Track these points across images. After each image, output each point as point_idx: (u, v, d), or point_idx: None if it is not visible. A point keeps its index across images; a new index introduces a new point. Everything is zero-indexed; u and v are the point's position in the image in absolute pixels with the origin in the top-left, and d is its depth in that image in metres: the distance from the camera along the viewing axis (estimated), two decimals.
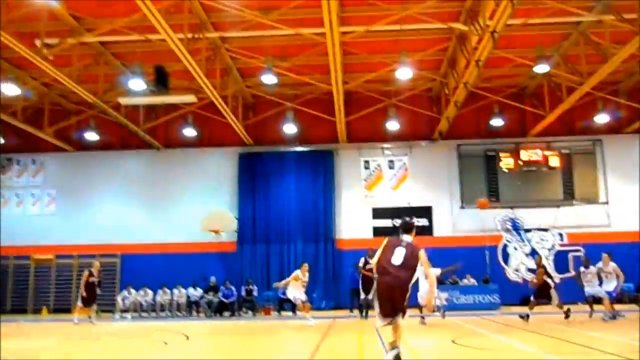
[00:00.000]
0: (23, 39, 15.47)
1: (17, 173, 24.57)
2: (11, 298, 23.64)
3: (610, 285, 14.38)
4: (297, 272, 15.50)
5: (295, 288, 15.37)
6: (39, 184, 24.43)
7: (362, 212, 23.19)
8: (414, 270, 6.84)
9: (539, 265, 16.30)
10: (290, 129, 22.91)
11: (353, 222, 23.15)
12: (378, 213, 23.08)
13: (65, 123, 23.46)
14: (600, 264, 14.67)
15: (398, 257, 6.85)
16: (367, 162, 23.57)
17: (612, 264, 14.44)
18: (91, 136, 23.44)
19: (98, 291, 17.27)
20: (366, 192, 23.43)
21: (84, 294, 16.83)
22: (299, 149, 23.74)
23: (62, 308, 22.68)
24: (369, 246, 22.24)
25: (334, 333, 12.78)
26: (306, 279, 15.53)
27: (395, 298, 6.70)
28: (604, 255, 14.61)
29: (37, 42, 15.94)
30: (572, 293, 16.35)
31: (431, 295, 9.27)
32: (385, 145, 23.44)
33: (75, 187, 24.21)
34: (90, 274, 17.09)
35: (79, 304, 17.01)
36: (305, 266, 15.78)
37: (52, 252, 23.61)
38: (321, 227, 23.12)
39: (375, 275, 7.14)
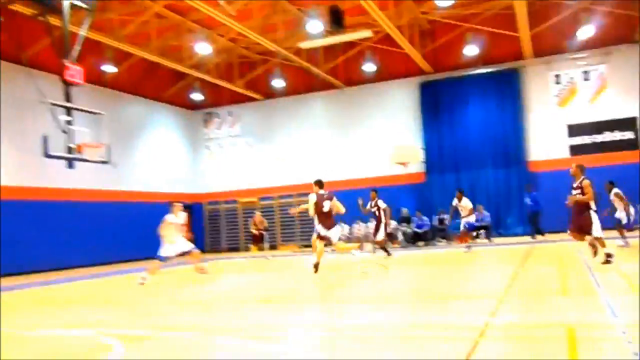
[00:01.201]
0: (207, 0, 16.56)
1: (218, 125, 26.93)
2: (225, 238, 26.38)
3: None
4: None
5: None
6: (237, 134, 26.55)
7: (555, 130, 21.72)
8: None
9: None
10: (470, 50, 21.94)
11: (546, 142, 21.80)
12: (575, 130, 21.46)
13: (253, 74, 24.93)
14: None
15: (326, 206, 11.27)
16: (557, 76, 21.87)
17: (615, 190, 13.85)
18: (277, 83, 24.69)
19: (266, 236, 19.74)
20: (559, 108, 21.86)
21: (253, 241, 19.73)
22: (482, 70, 22.69)
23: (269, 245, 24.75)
24: (566, 166, 21.11)
25: (534, 259, 12.39)
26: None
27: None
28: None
29: (221, 1, 16.94)
30: None
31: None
32: (578, 55, 21.45)
33: (268, 133, 25.91)
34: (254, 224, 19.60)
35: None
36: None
37: (256, 195, 25.71)
38: (511, 151, 22.18)
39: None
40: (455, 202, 16.32)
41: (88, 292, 12.12)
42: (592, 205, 9.66)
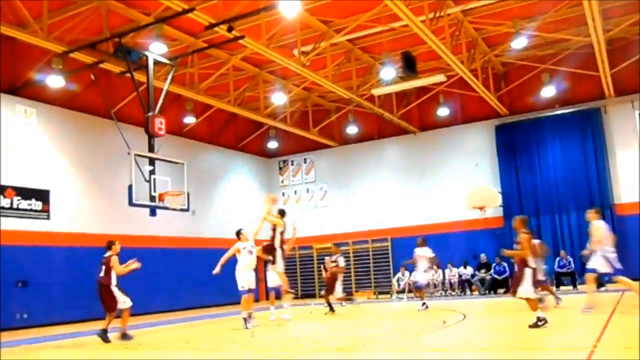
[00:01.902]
0: (282, 51, 17.10)
1: (293, 172, 27.37)
2: (300, 285, 26.35)
3: None
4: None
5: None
6: (312, 180, 26.86)
7: None
8: None
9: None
10: (548, 91, 21.49)
11: (634, 184, 20.74)
12: None
13: (327, 121, 25.32)
14: None
15: None
16: None
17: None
18: (351, 130, 24.95)
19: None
20: None
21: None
22: (560, 111, 22.07)
23: (345, 291, 24.55)
24: None
25: (626, 308, 11.67)
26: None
27: None
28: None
29: (295, 52, 17.45)
30: None
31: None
32: None
33: (343, 179, 26.06)
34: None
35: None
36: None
37: (330, 241, 25.65)
38: (595, 194, 21.22)
39: None
40: (416, 251, 14.82)
41: (168, 337, 12.35)
42: (530, 262, 9.03)
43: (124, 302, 10.91)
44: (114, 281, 10.98)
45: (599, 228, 11.24)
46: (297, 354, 8.45)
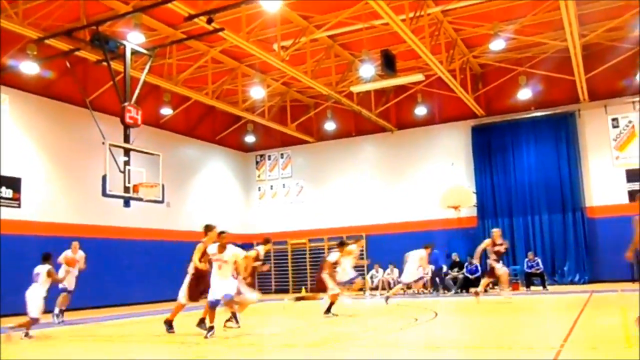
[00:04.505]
0: (262, 45, 17.03)
1: (270, 167, 27.31)
2: (274, 280, 26.34)
3: None
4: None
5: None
6: (288, 175, 26.82)
7: (614, 175, 21.06)
8: None
9: None
10: (524, 94, 21.74)
11: (604, 187, 21.14)
12: (633, 175, 20.74)
13: (305, 116, 25.30)
14: None
15: None
16: (615, 119, 21.31)
17: None
18: (329, 126, 24.96)
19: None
20: (617, 153, 21.23)
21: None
22: (536, 114, 22.36)
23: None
24: (625, 212, 20.33)
25: (593, 309, 11.89)
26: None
27: None
28: None
29: (275, 46, 17.39)
30: None
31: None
32: (636, 98, 20.90)
33: (319, 175, 26.07)
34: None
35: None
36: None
37: (306, 237, 25.73)
38: (568, 196, 21.57)
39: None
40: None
41: (138, 330, 12.25)
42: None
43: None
44: None
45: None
46: (266, 349, 8.45)
